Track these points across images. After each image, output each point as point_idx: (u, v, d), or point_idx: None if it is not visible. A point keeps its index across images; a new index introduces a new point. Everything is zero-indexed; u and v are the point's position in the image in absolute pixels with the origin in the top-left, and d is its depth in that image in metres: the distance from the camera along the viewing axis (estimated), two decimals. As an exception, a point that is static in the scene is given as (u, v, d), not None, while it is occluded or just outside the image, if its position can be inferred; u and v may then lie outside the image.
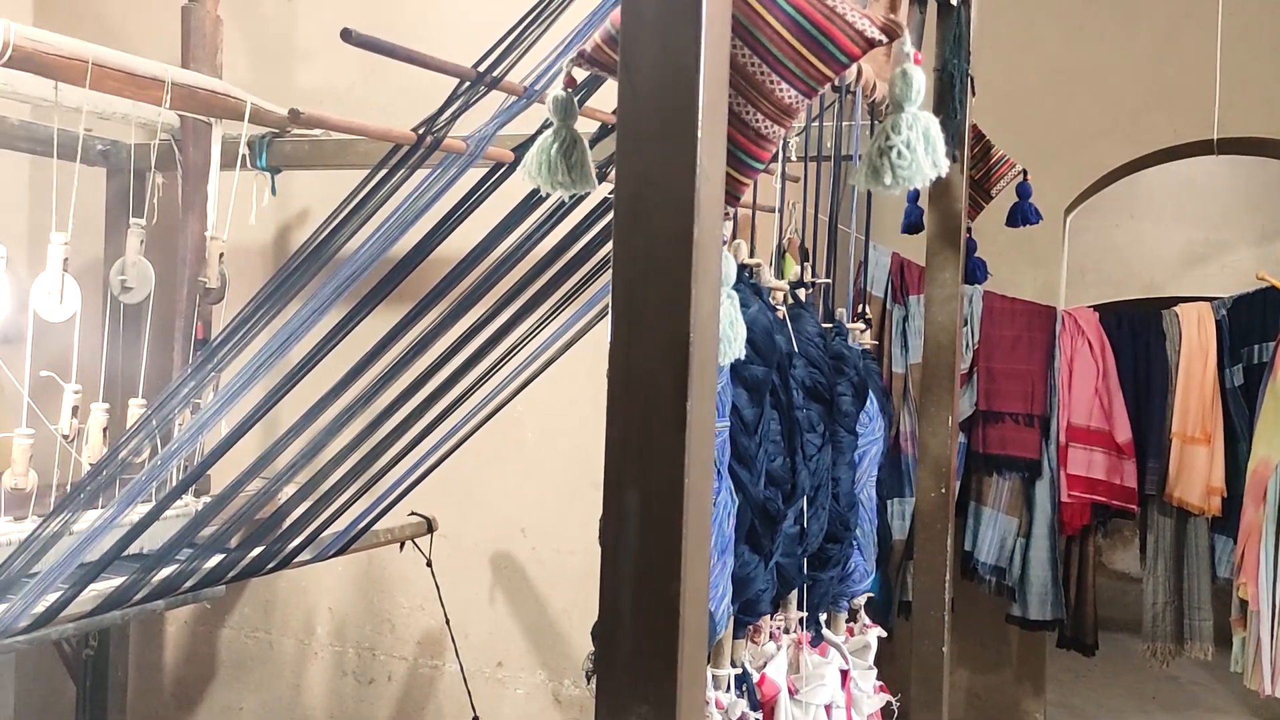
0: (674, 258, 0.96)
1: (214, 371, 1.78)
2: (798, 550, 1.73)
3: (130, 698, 3.36)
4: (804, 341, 1.77)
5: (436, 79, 3.24)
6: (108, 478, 1.82)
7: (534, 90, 1.49)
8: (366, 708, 3.33)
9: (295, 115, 1.34)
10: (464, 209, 1.66)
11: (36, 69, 2.25)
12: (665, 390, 0.96)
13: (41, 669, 3.54)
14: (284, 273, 1.68)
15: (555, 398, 2.96)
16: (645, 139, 0.97)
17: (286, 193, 3.27)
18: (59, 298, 2.36)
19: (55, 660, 3.27)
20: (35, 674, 3.57)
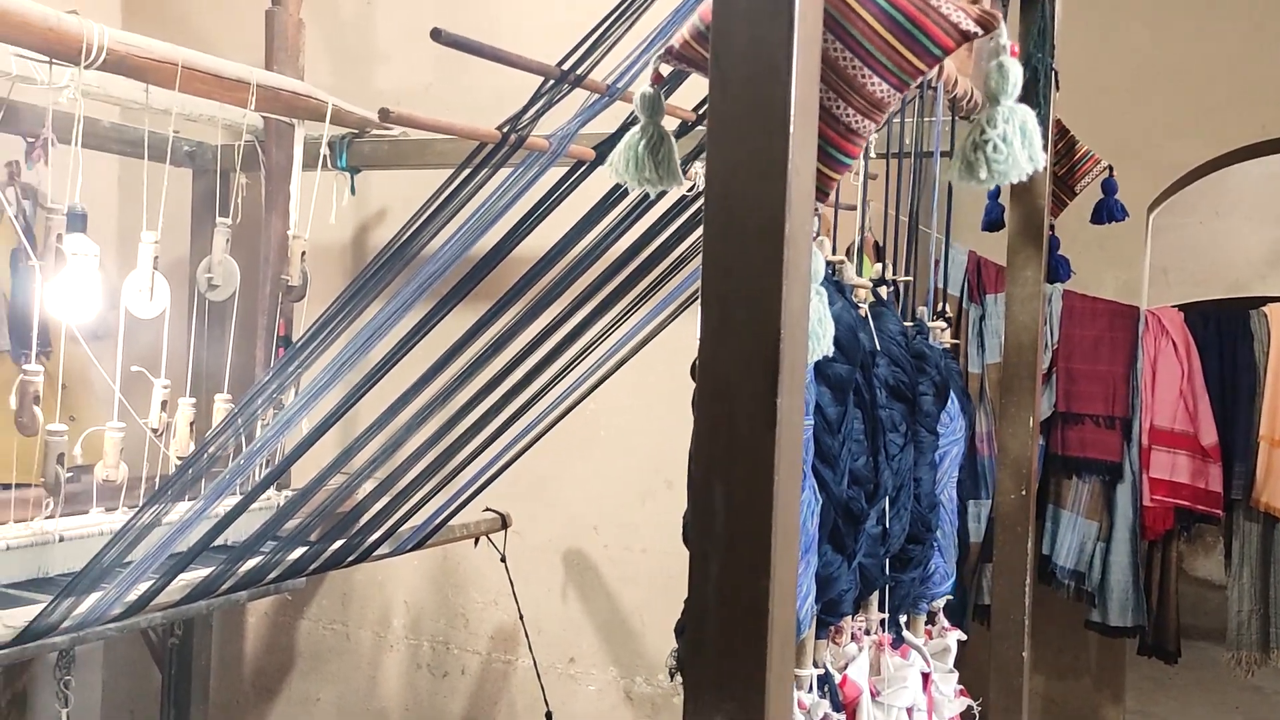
0: (765, 254, 0.95)
1: (299, 370, 1.81)
2: (880, 551, 1.71)
3: (212, 686, 3.45)
4: (886, 340, 1.75)
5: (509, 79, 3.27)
6: (198, 472, 1.86)
7: (616, 88, 1.49)
8: (441, 700, 3.37)
9: (385, 114, 1.36)
10: (545, 207, 1.67)
11: (128, 72, 2.32)
12: (755, 387, 0.96)
13: (128, 656, 3.65)
14: (368, 272, 1.71)
15: (628, 395, 2.97)
16: (736, 135, 0.96)
17: (364, 192, 3.32)
18: (149, 295, 2.42)
19: (142, 648, 3.36)
20: (122, 661, 3.68)
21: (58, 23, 2.11)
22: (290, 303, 2.92)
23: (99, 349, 2.77)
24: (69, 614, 1.78)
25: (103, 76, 2.38)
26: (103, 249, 2.45)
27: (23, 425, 2.20)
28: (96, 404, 3.52)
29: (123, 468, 2.40)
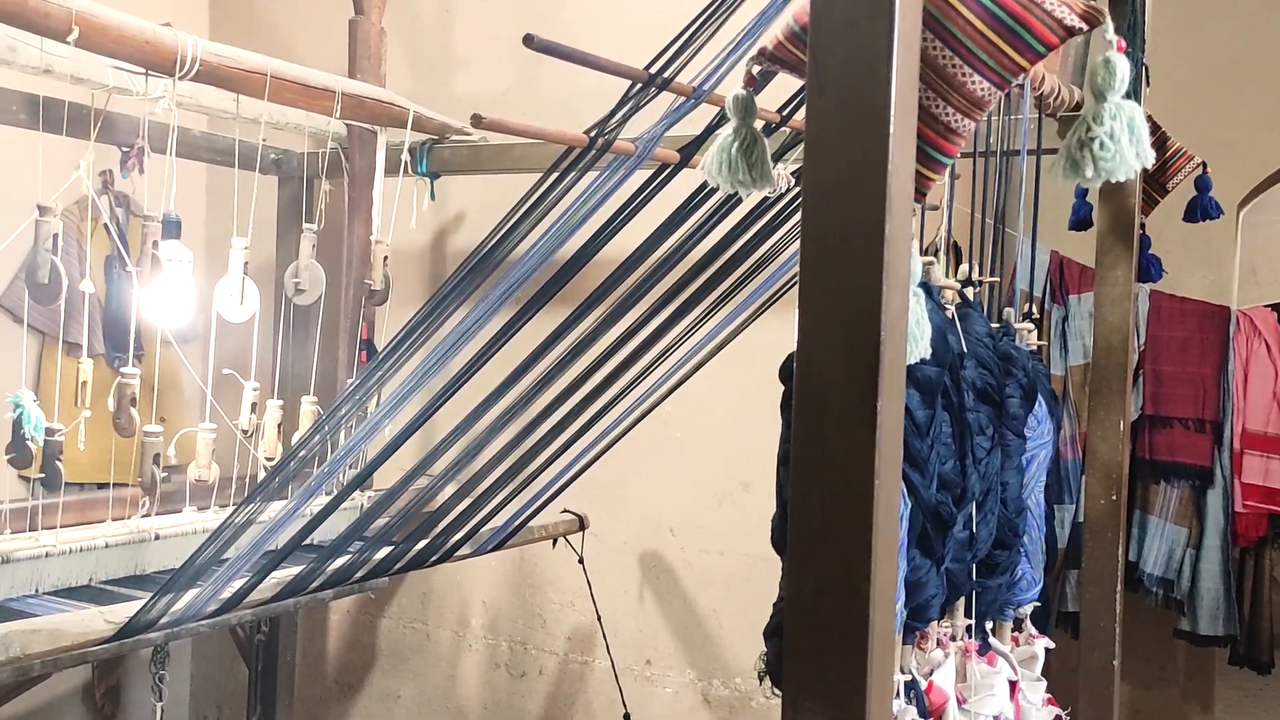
0: (864, 255, 0.95)
1: (388, 374, 1.85)
2: (967, 556, 1.68)
3: (297, 682, 3.52)
4: (973, 342, 1.72)
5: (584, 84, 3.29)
6: (291, 472, 1.90)
7: (702, 91, 1.49)
8: (519, 700, 3.40)
9: (478, 120, 1.37)
10: (630, 210, 1.68)
11: (220, 82, 2.38)
12: (855, 389, 0.95)
13: (216, 652, 3.74)
14: (454, 277, 1.73)
15: (705, 398, 2.96)
16: (835, 136, 0.96)
17: (442, 197, 3.36)
18: (239, 299, 2.48)
19: (229, 644, 3.45)
20: (211, 656, 3.77)
21: (154, 35, 2.17)
22: (373, 306, 2.97)
23: (186, 352, 2.85)
24: (167, 610, 1.83)
25: (194, 87, 2.45)
26: (192, 255, 2.51)
27: (120, 426, 2.27)
28: (185, 406, 3.62)
29: (214, 468, 2.46)
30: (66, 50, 2.17)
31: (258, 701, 3.22)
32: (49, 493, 2.19)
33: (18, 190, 3.17)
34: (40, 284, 2.10)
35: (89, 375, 2.30)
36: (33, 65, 2.22)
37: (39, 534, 2.24)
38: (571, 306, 1.94)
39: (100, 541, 2.29)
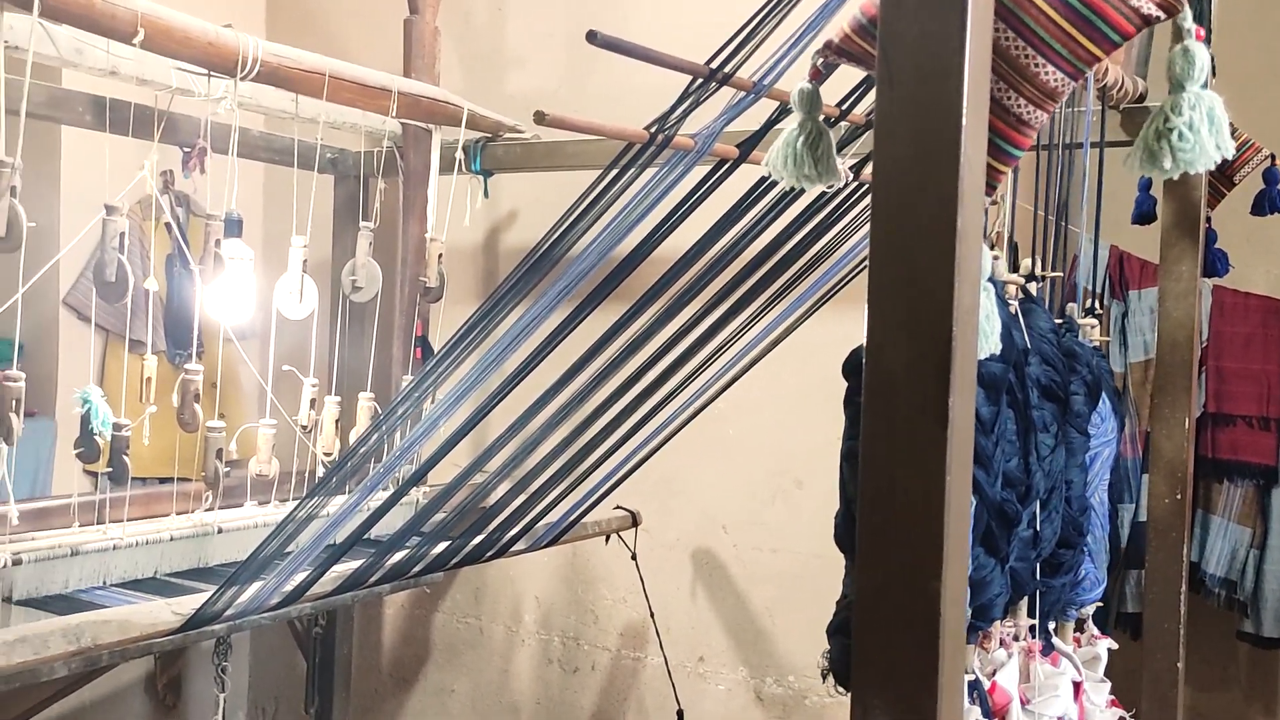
0: (936, 250, 0.94)
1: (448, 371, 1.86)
2: (1031, 555, 1.66)
3: (353, 675, 3.56)
4: (1036, 338, 1.70)
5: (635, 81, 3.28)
6: (353, 467, 1.93)
7: (763, 85, 1.49)
8: (571, 695, 3.42)
9: (540, 116, 1.38)
10: (688, 206, 1.67)
11: (280, 82, 2.41)
12: (926, 386, 0.94)
13: (273, 644, 3.80)
14: (514, 275, 1.74)
15: (757, 395, 2.95)
16: (905, 129, 0.95)
17: (494, 195, 3.37)
18: (299, 297, 2.51)
19: (287, 636, 3.50)
20: (269, 648, 3.83)
21: (216, 37, 2.21)
22: (428, 303, 2.99)
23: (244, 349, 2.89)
24: (232, 602, 1.86)
25: (254, 87, 2.48)
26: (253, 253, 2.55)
27: (184, 422, 2.31)
28: (243, 402, 3.68)
29: (275, 463, 2.50)
30: (131, 52, 2.21)
31: (315, 694, 3.26)
32: (116, 487, 2.23)
33: (82, 190, 3.24)
34: (107, 282, 2.14)
35: (153, 372, 2.34)
36: (99, 67, 2.26)
37: (106, 527, 2.28)
38: (626, 303, 1.94)
39: (165, 535, 2.34)
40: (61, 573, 2.14)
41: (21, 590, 2.08)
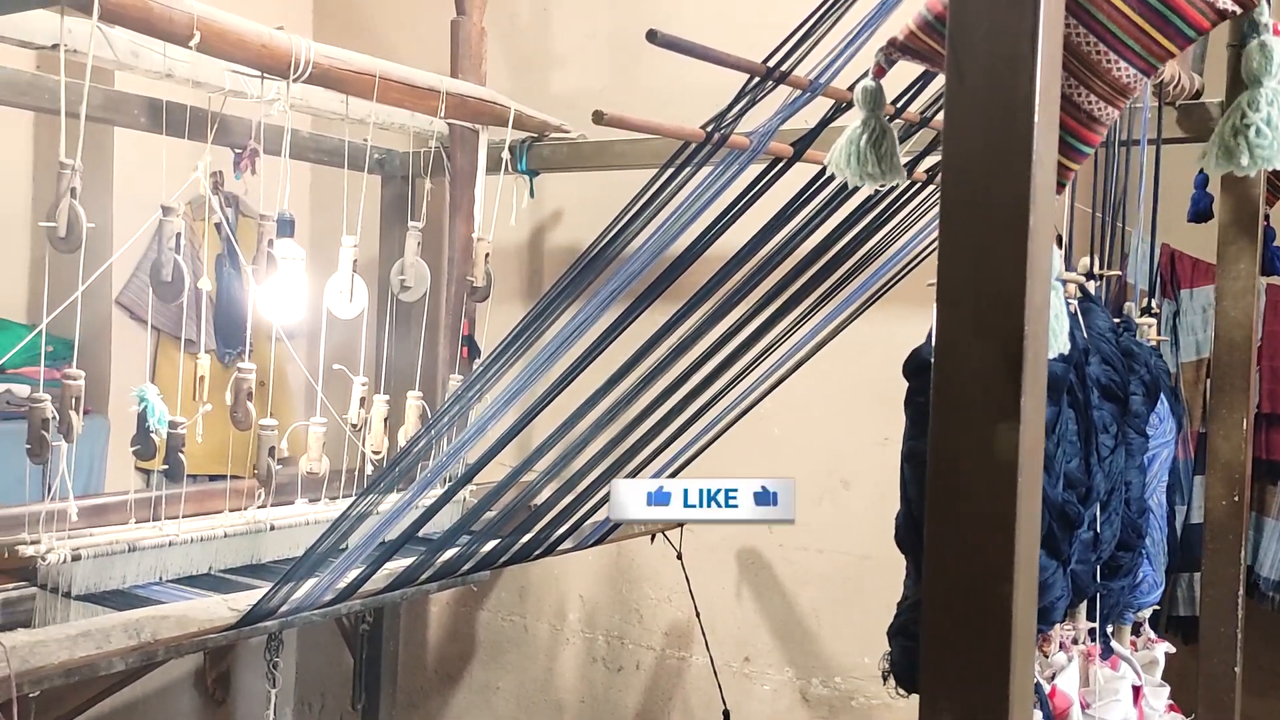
0: (1008, 249, 0.92)
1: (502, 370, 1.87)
2: (1091, 557, 1.64)
3: (399, 672, 3.59)
4: (1096, 337, 1.68)
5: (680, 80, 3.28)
6: (407, 466, 1.94)
7: (819, 84, 1.48)
8: (616, 694, 3.42)
9: (599, 116, 1.38)
10: (741, 204, 1.67)
11: (331, 84, 2.43)
12: (998, 387, 0.93)
13: (320, 640, 3.83)
14: (567, 275, 1.74)
15: (803, 395, 2.93)
16: (976, 126, 0.94)
17: (539, 194, 3.38)
18: (349, 296, 2.53)
19: (335, 633, 3.53)
20: (316, 645, 3.87)
21: (270, 39, 2.23)
22: (475, 303, 3.00)
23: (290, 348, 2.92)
24: (287, 598, 1.87)
25: (304, 89, 2.50)
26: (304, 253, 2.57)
27: (238, 420, 2.34)
28: (290, 400, 3.72)
29: (325, 461, 2.52)
30: (186, 55, 2.24)
31: (362, 690, 3.29)
32: (172, 484, 2.26)
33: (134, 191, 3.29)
34: (164, 281, 2.17)
35: (206, 370, 2.37)
36: (155, 70, 2.29)
37: (162, 523, 2.31)
38: (675, 304, 1.93)
39: (219, 531, 2.37)
40: (119, 568, 2.17)
41: (80, 585, 2.12)
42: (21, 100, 2.41)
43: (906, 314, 2.95)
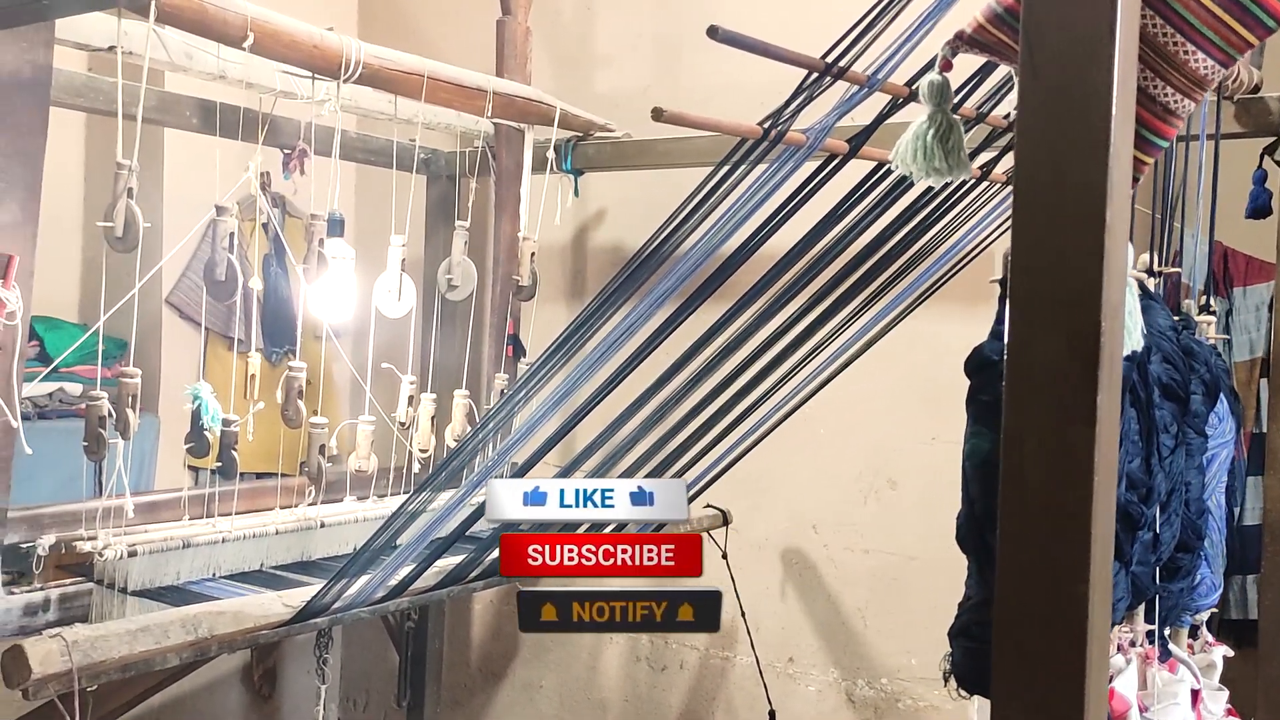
0: (1083, 244, 0.91)
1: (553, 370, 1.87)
2: (1151, 559, 1.61)
3: (443, 669, 3.60)
4: (1156, 335, 1.65)
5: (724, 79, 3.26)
6: (459, 465, 1.95)
7: (876, 79, 1.46)
8: (659, 694, 3.41)
9: (659, 113, 1.37)
10: (796, 202, 1.66)
11: (381, 84, 2.45)
12: (1072, 383, 0.92)
13: (366, 637, 3.85)
14: (621, 275, 1.74)
15: (848, 395, 2.91)
16: (1051, 120, 0.92)
17: (582, 193, 3.38)
18: (397, 295, 2.55)
19: (380, 630, 3.55)
20: (360, 642, 3.89)
21: (321, 40, 2.25)
22: (520, 302, 3.01)
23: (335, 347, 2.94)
24: (340, 595, 1.89)
25: (352, 89, 2.52)
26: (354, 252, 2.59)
27: (288, 418, 2.36)
28: (336, 398, 3.75)
29: (373, 459, 2.54)
30: (238, 56, 2.26)
31: (407, 687, 3.30)
32: (225, 481, 2.29)
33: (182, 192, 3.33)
34: (218, 281, 2.19)
35: (257, 369, 2.39)
36: (208, 71, 2.32)
37: (215, 520, 2.34)
38: (723, 304, 1.93)
39: (271, 529, 2.39)
40: (173, 565, 2.20)
41: (136, 581, 2.15)
42: (77, 102, 2.45)
43: (954, 312, 2.93)
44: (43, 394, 3.06)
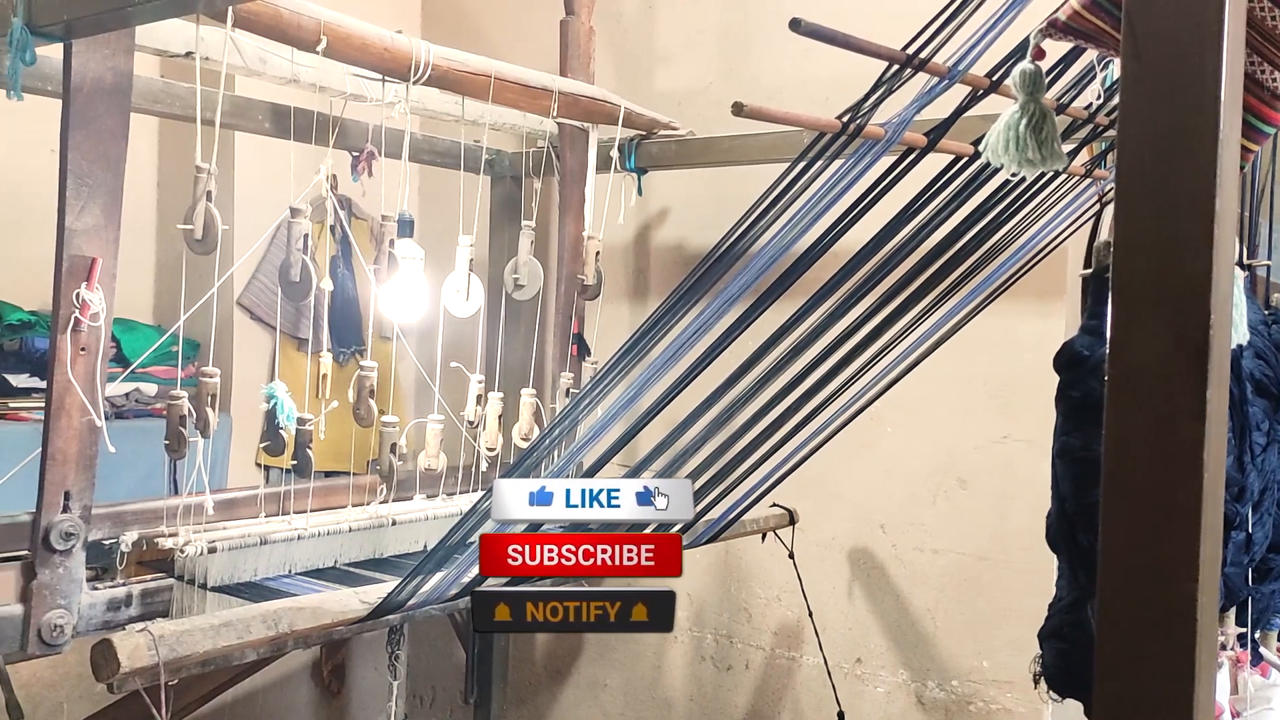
0: (1192, 234, 0.88)
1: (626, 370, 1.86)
2: (1243, 559, 1.57)
3: (509, 667, 3.62)
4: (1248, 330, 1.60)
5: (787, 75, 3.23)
6: (531, 465, 1.95)
7: (957, 71, 1.44)
8: (725, 693, 3.40)
9: (739, 108, 1.37)
10: (874, 195, 1.63)
11: (449, 85, 2.46)
12: (1180, 378, 0.89)
13: (432, 634, 3.89)
14: (694, 274, 1.73)
15: (915, 392, 2.86)
16: (1156, 107, 0.90)
17: (645, 192, 3.38)
18: (465, 295, 2.56)
19: (446, 627, 3.58)
20: (427, 639, 3.92)
21: (392, 42, 2.27)
22: (585, 301, 3.02)
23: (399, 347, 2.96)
24: (415, 592, 1.90)
25: (419, 91, 2.54)
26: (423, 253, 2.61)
27: (360, 417, 2.38)
28: (402, 398, 3.78)
29: (442, 457, 2.56)
30: (311, 60, 2.29)
31: (474, 684, 3.33)
32: (300, 479, 2.32)
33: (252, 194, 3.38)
34: (292, 281, 2.22)
35: (329, 369, 2.42)
36: (281, 75, 2.35)
37: (291, 518, 2.37)
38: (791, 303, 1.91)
39: (344, 526, 2.42)
40: (251, 561, 2.23)
41: (215, 577, 2.18)
42: (154, 107, 2.50)
43: (1025, 308, 2.89)
44: (120, 394, 3.13)
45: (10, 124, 3.27)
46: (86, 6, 1.79)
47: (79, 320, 1.87)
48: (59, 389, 1.88)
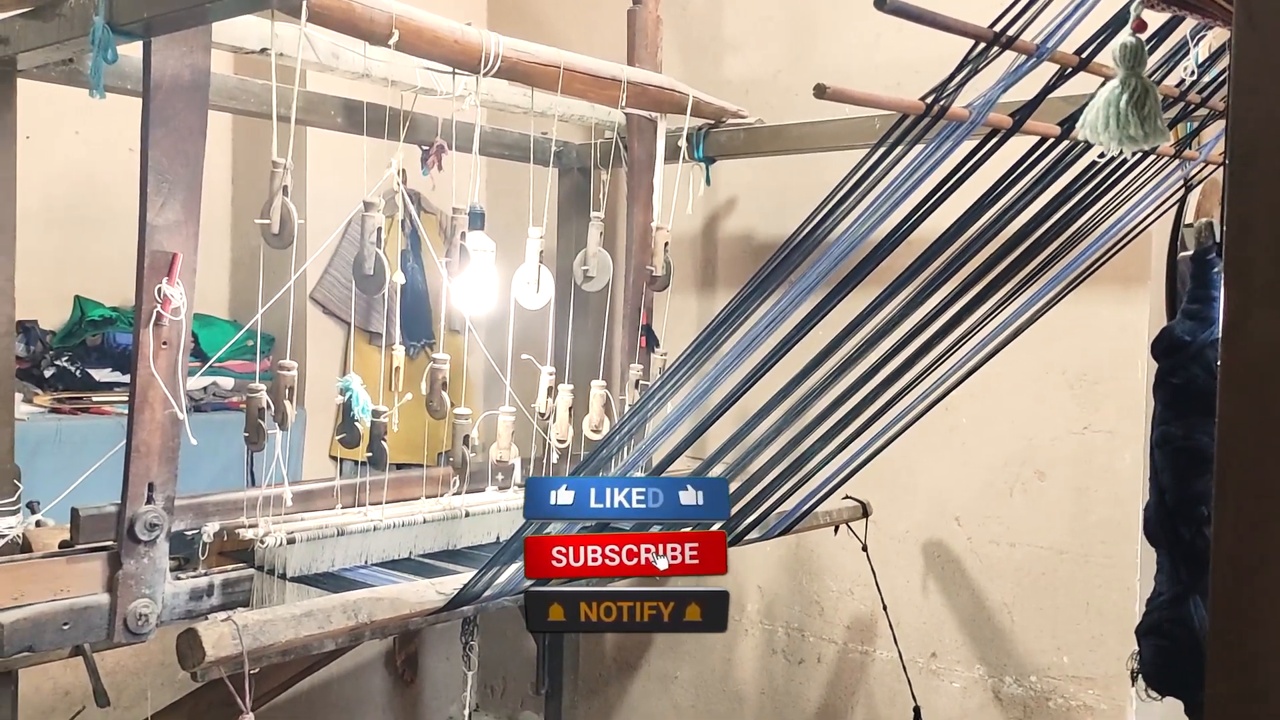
0: (1312, 213, 0.84)
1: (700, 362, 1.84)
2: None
3: (580, 659, 3.63)
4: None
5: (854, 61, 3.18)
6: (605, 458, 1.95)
7: (1045, 49, 1.39)
8: (796, 687, 3.37)
9: (821, 90, 1.34)
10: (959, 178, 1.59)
11: (518, 77, 2.46)
12: (1301, 363, 0.85)
13: (503, 625, 3.91)
14: (770, 264, 1.70)
15: (991, 382, 2.80)
16: (1272, 79, 0.86)
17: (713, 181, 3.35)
18: (536, 287, 2.56)
19: (517, 619, 3.59)
20: (498, 630, 3.95)
21: (462, 35, 2.27)
22: (654, 292, 3.00)
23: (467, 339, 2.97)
24: (491, 583, 1.90)
25: (488, 83, 2.54)
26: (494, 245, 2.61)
27: (433, 409, 2.39)
28: (471, 389, 3.80)
29: (514, 449, 2.56)
30: (382, 54, 2.30)
31: (545, 675, 3.34)
32: (376, 471, 2.34)
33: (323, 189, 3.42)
34: (366, 275, 2.24)
35: (401, 361, 2.43)
36: (354, 70, 2.37)
37: (367, 509, 2.39)
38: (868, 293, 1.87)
39: (419, 517, 2.43)
40: (329, 552, 2.26)
41: (294, 568, 2.21)
42: (229, 104, 2.53)
43: (1106, 295, 2.81)
44: (197, 388, 3.19)
45: (89, 125, 3.35)
46: (166, 4, 1.81)
47: (161, 315, 1.90)
48: (142, 383, 1.91)
